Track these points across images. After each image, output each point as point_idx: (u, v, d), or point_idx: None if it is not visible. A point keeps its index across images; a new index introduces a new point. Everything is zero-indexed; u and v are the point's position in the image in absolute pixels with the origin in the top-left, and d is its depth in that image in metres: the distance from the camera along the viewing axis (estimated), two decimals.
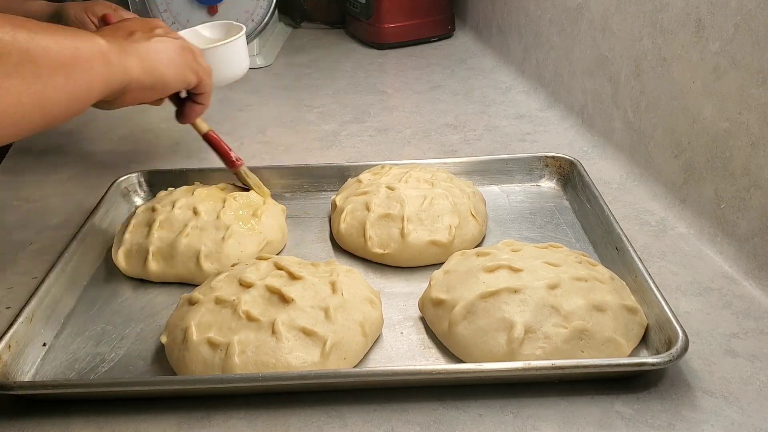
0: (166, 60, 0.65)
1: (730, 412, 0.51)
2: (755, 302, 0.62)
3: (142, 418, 0.53)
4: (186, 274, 0.68)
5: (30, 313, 0.59)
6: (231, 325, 0.55)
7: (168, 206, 0.72)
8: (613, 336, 0.54)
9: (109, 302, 0.66)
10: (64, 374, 0.57)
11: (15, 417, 0.53)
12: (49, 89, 0.52)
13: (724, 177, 0.69)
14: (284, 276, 0.60)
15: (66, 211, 0.83)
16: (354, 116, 1.10)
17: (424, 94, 1.20)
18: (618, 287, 0.60)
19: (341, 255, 0.73)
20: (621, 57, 0.87)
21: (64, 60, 0.53)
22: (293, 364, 0.53)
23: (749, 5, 0.63)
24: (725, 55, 0.67)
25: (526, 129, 1.02)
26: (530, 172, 0.84)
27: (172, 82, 0.67)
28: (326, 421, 0.52)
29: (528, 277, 0.57)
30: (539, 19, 1.13)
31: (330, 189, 0.84)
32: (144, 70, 0.63)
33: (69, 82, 0.54)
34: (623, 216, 0.76)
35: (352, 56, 1.43)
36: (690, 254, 0.70)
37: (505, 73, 1.27)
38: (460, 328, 0.57)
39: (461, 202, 0.72)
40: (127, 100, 0.63)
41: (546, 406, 0.52)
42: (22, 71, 0.49)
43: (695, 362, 0.55)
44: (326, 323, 0.56)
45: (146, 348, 0.60)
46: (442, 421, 0.51)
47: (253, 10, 1.27)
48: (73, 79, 0.54)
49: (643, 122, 0.83)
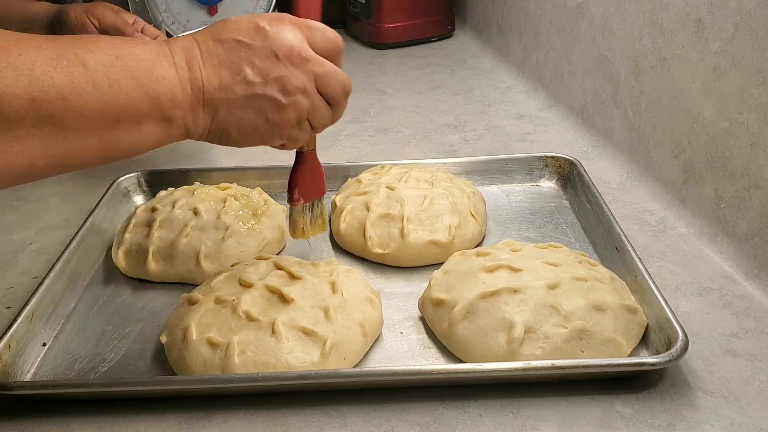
0: (249, 127, 0.50)
1: (730, 412, 0.51)
2: (755, 302, 0.62)
3: (142, 418, 0.53)
4: (186, 274, 0.68)
5: (30, 313, 0.59)
6: (231, 325, 0.55)
7: (168, 206, 0.72)
8: (613, 336, 0.54)
9: (109, 302, 0.66)
10: (64, 374, 0.57)
11: (15, 417, 0.53)
12: (74, 151, 0.42)
13: (724, 177, 0.69)
14: (284, 276, 0.60)
15: (66, 211, 0.83)
16: (354, 116, 1.10)
17: (424, 93, 1.20)
18: (618, 287, 0.60)
19: (341, 255, 0.73)
20: (621, 57, 0.87)
21: (104, 122, 0.43)
22: (293, 364, 0.53)
23: (749, 5, 0.63)
24: (725, 55, 0.67)
25: (526, 129, 1.02)
26: (530, 172, 0.84)
27: (244, 146, 0.52)
28: (326, 421, 0.52)
29: (528, 277, 0.57)
30: (539, 18, 1.13)
31: (330, 189, 0.83)
32: (210, 131, 0.50)
33: (104, 144, 0.44)
34: (623, 216, 0.76)
35: (352, 56, 1.43)
36: (690, 254, 0.70)
37: (505, 72, 1.26)
38: (460, 328, 0.57)
39: (461, 202, 0.72)
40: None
41: (546, 406, 0.52)
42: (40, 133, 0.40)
43: (695, 362, 0.55)
44: (326, 323, 0.56)
45: (146, 348, 0.60)
46: (442, 421, 0.51)
47: (253, 10, 1.27)
48: (110, 143, 0.44)
49: (643, 122, 0.83)
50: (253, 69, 0.48)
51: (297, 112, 0.51)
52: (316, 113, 0.52)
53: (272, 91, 0.49)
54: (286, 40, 0.49)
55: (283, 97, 0.49)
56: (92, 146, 0.43)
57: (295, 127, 0.52)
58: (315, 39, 0.51)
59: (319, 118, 0.52)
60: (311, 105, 0.51)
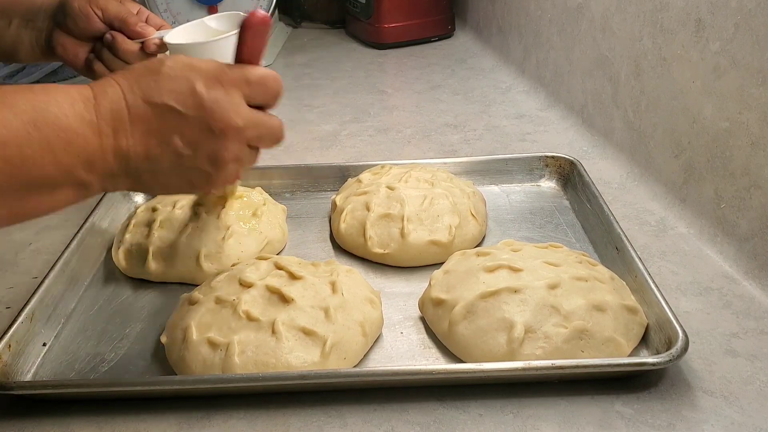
0: (173, 190, 0.51)
1: (730, 411, 0.51)
2: (755, 302, 0.62)
3: (142, 418, 0.53)
4: (186, 274, 0.68)
5: (30, 313, 0.59)
6: (231, 325, 0.55)
7: (168, 206, 0.72)
8: (613, 336, 0.54)
9: (109, 302, 0.66)
10: (64, 374, 0.57)
11: (15, 417, 0.53)
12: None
13: (724, 177, 0.69)
14: (284, 276, 0.60)
15: (66, 211, 0.82)
16: (354, 116, 1.10)
17: (424, 93, 1.20)
18: (618, 287, 0.60)
19: (341, 255, 0.72)
20: (621, 57, 0.87)
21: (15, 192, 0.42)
22: (293, 364, 0.53)
23: (749, 5, 0.63)
24: (725, 55, 0.67)
25: (526, 129, 1.02)
26: (530, 171, 0.84)
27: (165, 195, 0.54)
28: (326, 421, 0.52)
29: (528, 277, 0.57)
30: (539, 18, 1.13)
31: (330, 189, 0.84)
32: (132, 189, 0.50)
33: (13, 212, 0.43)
34: (623, 216, 0.75)
35: (352, 56, 1.43)
36: (690, 254, 0.70)
37: (505, 72, 1.26)
38: (460, 328, 0.57)
39: (461, 202, 0.72)
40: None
41: (546, 405, 0.52)
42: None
43: (695, 362, 0.55)
44: (326, 323, 0.56)
45: (146, 348, 0.60)
46: (442, 421, 0.51)
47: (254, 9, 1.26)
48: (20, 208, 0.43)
49: (643, 122, 0.83)
50: (183, 140, 0.46)
51: (226, 177, 0.49)
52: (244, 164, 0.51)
53: (202, 164, 0.47)
54: (223, 114, 0.46)
55: (214, 169, 0.48)
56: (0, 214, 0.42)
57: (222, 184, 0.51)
58: (253, 95, 0.49)
59: (246, 164, 0.51)
60: (241, 165, 0.50)
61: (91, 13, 0.72)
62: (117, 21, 0.73)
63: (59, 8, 0.73)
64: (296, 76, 1.31)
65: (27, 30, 0.73)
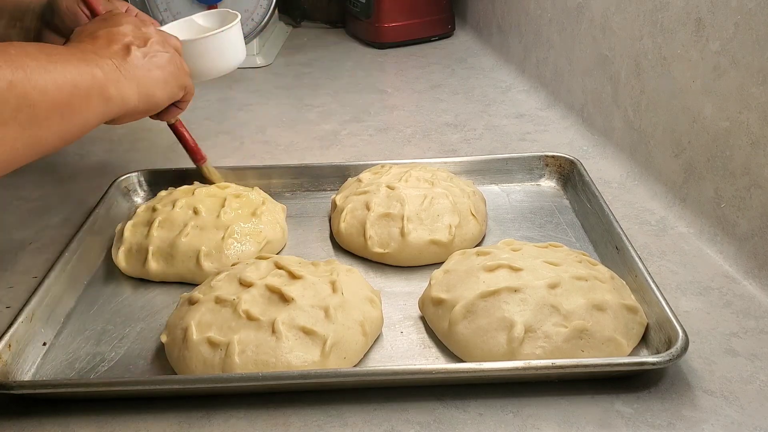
0: (162, 82, 0.64)
1: (730, 411, 0.51)
2: (755, 301, 0.62)
3: (142, 417, 0.53)
4: (186, 273, 0.68)
5: (30, 313, 0.59)
6: (231, 325, 0.55)
7: (168, 206, 0.72)
8: (613, 335, 0.54)
9: (109, 302, 0.66)
10: (64, 373, 0.57)
11: (15, 417, 0.53)
12: (44, 131, 0.50)
13: (724, 176, 0.69)
14: (284, 275, 0.60)
15: (66, 211, 0.83)
16: (354, 115, 1.10)
17: (424, 93, 1.19)
18: (618, 286, 0.60)
19: (341, 254, 0.73)
20: (621, 56, 0.87)
21: (62, 101, 0.51)
22: (293, 364, 0.53)
23: (749, 4, 0.63)
24: (725, 55, 0.67)
25: (527, 128, 1.02)
26: (530, 171, 0.84)
27: (164, 103, 0.66)
28: (326, 420, 0.52)
29: (528, 277, 0.57)
30: (539, 18, 1.13)
31: (330, 188, 0.83)
32: (141, 97, 0.61)
33: (64, 122, 0.52)
34: (623, 215, 0.76)
35: (352, 55, 1.43)
36: (690, 253, 0.70)
37: (505, 72, 1.27)
38: (460, 328, 0.57)
39: (461, 202, 0.72)
40: (117, 123, 0.62)
41: (546, 405, 0.52)
42: (19, 118, 0.48)
43: (695, 361, 0.55)
44: (326, 322, 0.56)
45: (146, 347, 0.60)
46: (442, 420, 0.51)
47: (253, 9, 1.27)
48: (69, 119, 0.53)
49: (644, 121, 0.83)
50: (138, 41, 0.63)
51: (173, 56, 0.66)
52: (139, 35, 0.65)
53: (155, 46, 0.64)
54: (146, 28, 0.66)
55: (160, 46, 0.65)
56: (56, 124, 0.51)
57: (179, 70, 0.67)
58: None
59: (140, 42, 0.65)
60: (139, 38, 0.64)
61: (79, 11, 0.72)
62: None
63: (47, 7, 0.73)
64: (296, 76, 1.31)
65: (15, 29, 0.74)
